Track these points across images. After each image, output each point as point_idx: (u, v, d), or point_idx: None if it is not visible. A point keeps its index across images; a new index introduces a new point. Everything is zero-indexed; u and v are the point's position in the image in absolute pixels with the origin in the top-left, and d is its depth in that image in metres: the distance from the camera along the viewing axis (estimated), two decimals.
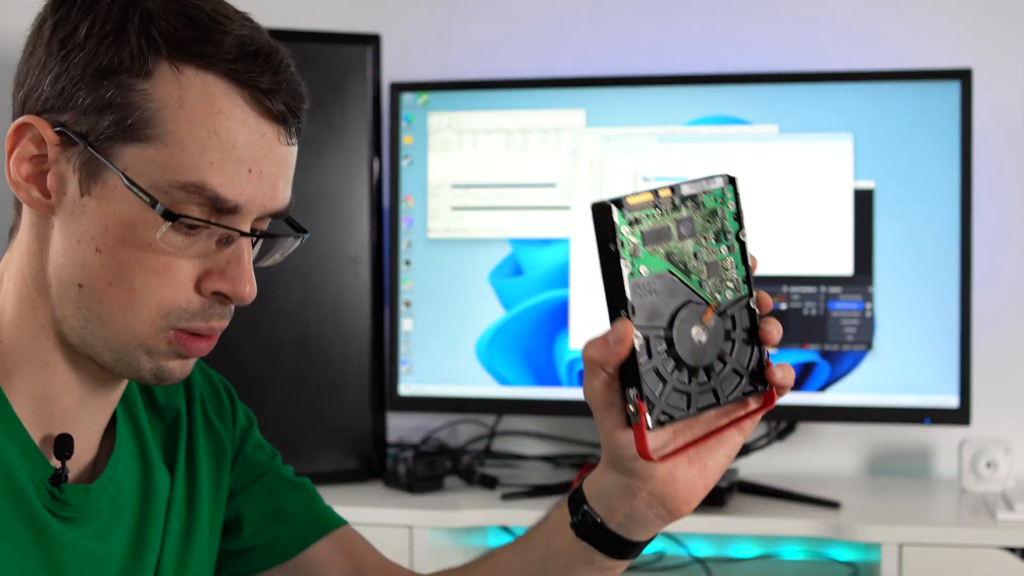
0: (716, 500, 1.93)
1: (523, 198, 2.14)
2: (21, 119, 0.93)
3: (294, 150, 0.97)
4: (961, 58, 2.16)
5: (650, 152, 2.10)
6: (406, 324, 2.18)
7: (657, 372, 0.91)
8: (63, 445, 0.97)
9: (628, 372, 0.91)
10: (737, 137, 2.07)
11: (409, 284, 2.18)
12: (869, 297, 2.03)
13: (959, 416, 2.01)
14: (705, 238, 0.93)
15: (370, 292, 2.13)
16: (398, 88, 2.18)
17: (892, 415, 2.04)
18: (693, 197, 0.93)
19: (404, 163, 2.17)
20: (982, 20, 2.21)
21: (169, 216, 0.90)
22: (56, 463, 0.97)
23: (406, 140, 2.17)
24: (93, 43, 0.90)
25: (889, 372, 2.04)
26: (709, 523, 1.91)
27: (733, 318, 0.93)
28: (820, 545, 2.02)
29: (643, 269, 0.91)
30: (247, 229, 0.94)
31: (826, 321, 2.04)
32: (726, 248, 0.94)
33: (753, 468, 2.18)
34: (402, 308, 2.18)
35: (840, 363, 2.05)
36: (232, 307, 0.97)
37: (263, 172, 0.93)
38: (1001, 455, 2.05)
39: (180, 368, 0.97)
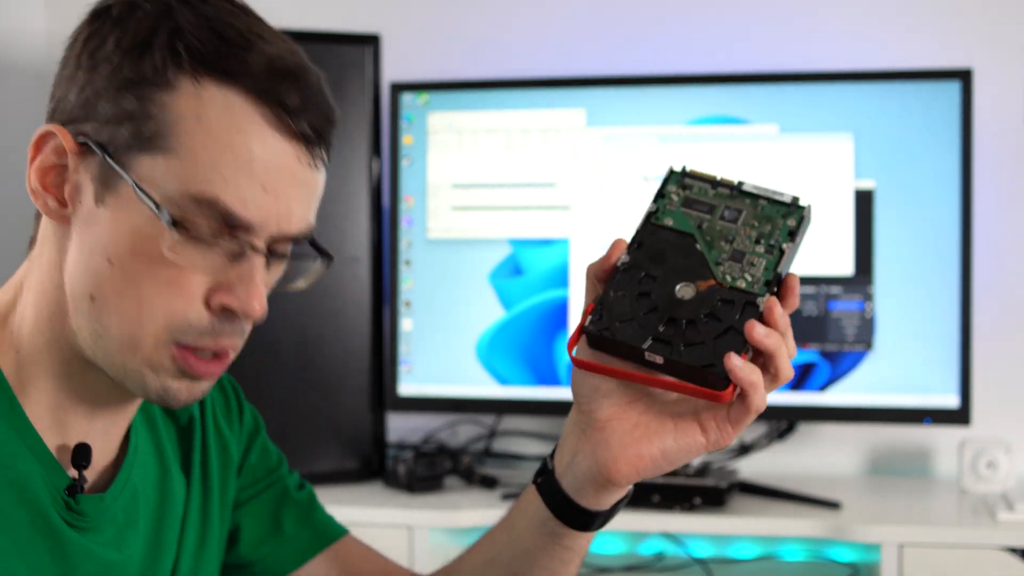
0: (716, 500, 1.93)
1: (523, 198, 2.14)
2: (44, 128, 0.92)
3: (318, 175, 0.95)
4: (961, 58, 2.16)
5: (650, 152, 2.10)
6: (406, 324, 2.17)
7: (626, 299, 0.95)
8: (80, 455, 0.96)
9: None
10: (737, 137, 2.07)
11: (409, 284, 2.17)
12: (869, 297, 2.03)
13: (959, 416, 2.01)
14: (746, 232, 0.97)
15: (370, 292, 2.13)
16: (398, 88, 2.18)
17: (892, 415, 2.04)
18: (753, 196, 0.98)
19: (404, 163, 2.17)
20: (982, 20, 2.21)
21: (175, 224, 0.88)
22: (73, 472, 0.95)
23: (406, 140, 2.17)
24: (119, 55, 0.90)
25: (889, 372, 2.04)
26: (709, 523, 1.91)
27: (732, 304, 0.94)
28: (820, 545, 2.02)
29: (668, 221, 0.98)
30: (260, 246, 0.92)
31: (826, 321, 2.04)
32: (763, 249, 0.97)
33: (753, 468, 2.18)
34: (402, 308, 2.18)
35: (840, 363, 2.05)
36: (244, 327, 0.94)
37: (279, 191, 0.91)
38: (1001, 455, 2.05)
39: (187, 390, 0.94)
